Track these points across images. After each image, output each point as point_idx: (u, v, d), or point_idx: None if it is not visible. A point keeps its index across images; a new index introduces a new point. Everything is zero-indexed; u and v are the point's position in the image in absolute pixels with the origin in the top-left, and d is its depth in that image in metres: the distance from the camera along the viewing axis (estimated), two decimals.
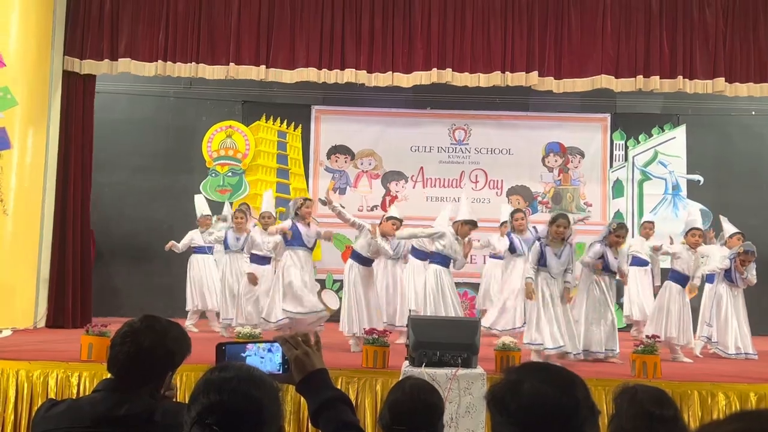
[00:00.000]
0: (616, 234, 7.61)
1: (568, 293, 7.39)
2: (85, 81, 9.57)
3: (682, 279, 8.15)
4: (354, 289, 8.01)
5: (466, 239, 8.10)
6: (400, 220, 8.57)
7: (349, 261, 8.24)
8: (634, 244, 9.96)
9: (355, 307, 7.95)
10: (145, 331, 2.42)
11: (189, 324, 9.20)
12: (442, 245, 7.98)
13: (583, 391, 1.69)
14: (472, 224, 8.12)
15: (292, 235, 8.17)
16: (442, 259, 8.04)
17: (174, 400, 2.55)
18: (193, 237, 9.72)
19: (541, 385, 1.67)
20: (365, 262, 8.16)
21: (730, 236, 8.96)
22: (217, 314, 9.36)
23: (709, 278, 8.75)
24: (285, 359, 2.04)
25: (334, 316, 8.86)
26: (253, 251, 8.69)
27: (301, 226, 8.25)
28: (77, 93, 9.51)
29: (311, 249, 8.39)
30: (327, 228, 8.79)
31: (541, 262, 7.29)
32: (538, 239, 7.48)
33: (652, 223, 10.17)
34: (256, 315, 8.33)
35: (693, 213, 9.02)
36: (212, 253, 9.74)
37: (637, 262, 9.71)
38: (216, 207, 10.55)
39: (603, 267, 7.59)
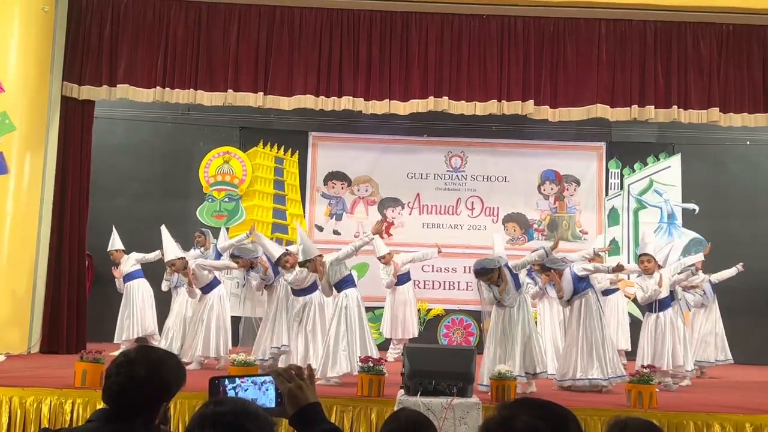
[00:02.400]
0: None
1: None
2: (84, 106, 9.62)
3: (650, 307, 8.04)
4: None
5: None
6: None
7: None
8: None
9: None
10: (140, 361, 2.41)
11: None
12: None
13: (576, 428, 1.70)
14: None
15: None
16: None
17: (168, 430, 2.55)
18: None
19: (534, 421, 1.68)
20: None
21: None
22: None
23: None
24: (278, 392, 2.05)
25: None
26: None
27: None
28: (75, 118, 9.56)
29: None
30: None
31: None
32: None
33: (601, 254, 10.18)
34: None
35: (645, 238, 8.82)
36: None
37: (605, 292, 9.55)
38: (212, 232, 10.55)
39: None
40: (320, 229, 11.68)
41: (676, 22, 9.40)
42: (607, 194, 11.83)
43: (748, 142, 11.52)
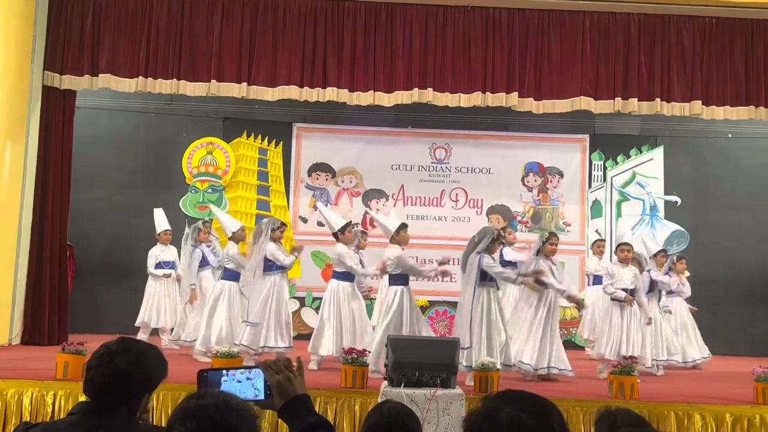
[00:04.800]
0: (550, 242, 7.77)
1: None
2: (65, 96, 9.52)
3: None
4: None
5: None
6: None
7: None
8: (590, 264, 10.24)
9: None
10: (121, 353, 2.40)
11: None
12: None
13: (559, 419, 1.71)
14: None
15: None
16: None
17: (150, 422, 2.54)
18: (156, 254, 9.67)
19: (517, 414, 1.69)
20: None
21: (654, 255, 8.88)
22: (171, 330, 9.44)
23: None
24: (267, 384, 2.04)
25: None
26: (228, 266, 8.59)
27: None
28: (57, 108, 9.46)
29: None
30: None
31: (489, 277, 7.31)
32: (478, 253, 7.31)
33: (604, 241, 10.35)
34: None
35: (621, 228, 8.96)
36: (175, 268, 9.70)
37: (597, 281, 9.63)
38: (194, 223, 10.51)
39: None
40: (304, 220, 11.67)
41: (659, 14, 9.43)
42: (590, 186, 11.89)
43: (729, 135, 11.59)
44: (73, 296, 9.92)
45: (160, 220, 9.83)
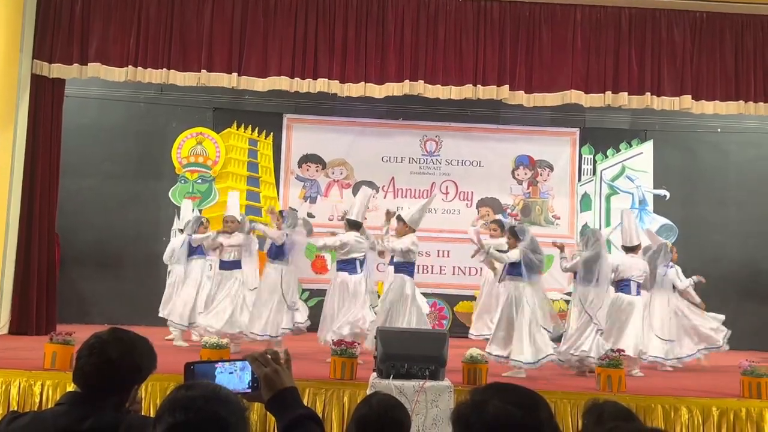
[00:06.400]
0: None
1: None
2: (54, 85, 9.46)
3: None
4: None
5: None
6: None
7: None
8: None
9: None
10: (112, 343, 2.40)
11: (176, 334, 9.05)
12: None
13: (547, 412, 1.72)
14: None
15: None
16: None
17: (140, 413, 2.54)
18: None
19: (505, 406, 1.69)
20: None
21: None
22: None
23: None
24: (254, 377, 2.04)
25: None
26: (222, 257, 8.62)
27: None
28: (46, 97, 9.40)
29: None
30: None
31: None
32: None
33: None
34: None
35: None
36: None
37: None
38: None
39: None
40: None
41: (650, 8, 9.45)
42: (579, 180, 11.91)
43: (719, 130, 11.62)
44: (60, 286, 9.87)
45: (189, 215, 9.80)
